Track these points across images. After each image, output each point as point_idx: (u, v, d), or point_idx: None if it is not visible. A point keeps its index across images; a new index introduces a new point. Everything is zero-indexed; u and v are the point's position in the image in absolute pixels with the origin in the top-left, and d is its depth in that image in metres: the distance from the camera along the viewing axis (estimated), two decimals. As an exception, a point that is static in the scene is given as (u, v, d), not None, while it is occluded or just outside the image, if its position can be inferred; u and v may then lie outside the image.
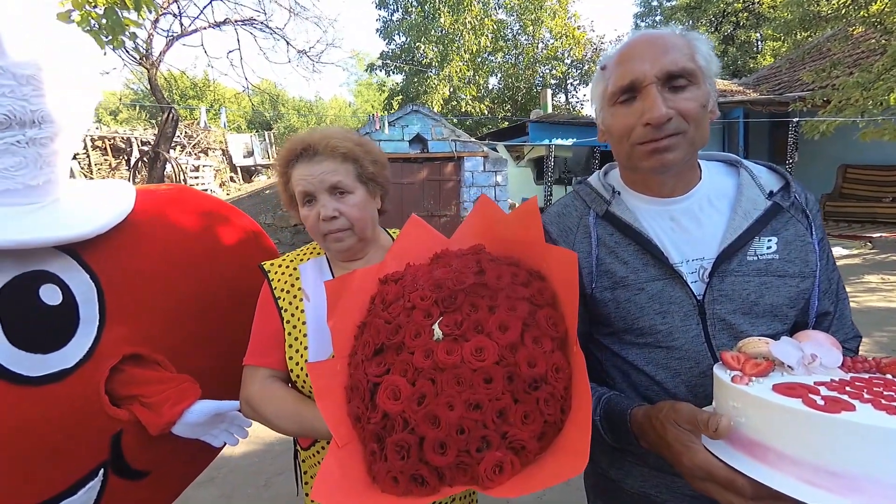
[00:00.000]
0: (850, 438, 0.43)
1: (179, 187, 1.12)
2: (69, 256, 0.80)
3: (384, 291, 0.75)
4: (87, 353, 0.80)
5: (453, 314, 0.66)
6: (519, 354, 0.61)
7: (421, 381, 0.61)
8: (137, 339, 0.88)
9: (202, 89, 19.46)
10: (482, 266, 0.70)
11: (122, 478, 0.86)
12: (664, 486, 0.77)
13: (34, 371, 0.74)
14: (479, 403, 0.58)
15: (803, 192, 0.77)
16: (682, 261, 0.74)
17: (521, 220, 0.76)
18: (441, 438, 0.57)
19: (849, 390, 0.50)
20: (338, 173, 0.88)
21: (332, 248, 0.92)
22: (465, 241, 0.82)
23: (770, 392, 0.50)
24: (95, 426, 0.81)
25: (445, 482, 0.58)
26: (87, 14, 3.73)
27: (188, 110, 15.38)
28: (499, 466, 0.56)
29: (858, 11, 6.97)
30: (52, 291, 0.76)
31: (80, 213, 0.81)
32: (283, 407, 0.85)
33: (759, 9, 16.23)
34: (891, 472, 0.41)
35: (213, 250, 1.07)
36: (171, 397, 0.85)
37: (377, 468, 0.61)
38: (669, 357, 0.74)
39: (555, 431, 0.61)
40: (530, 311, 0.65)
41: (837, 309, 0.78)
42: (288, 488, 2.45)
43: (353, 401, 0.68)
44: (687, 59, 0.68)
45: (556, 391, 0.60)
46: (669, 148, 0.68)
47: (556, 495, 2.27)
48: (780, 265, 0.72)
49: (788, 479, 0.46)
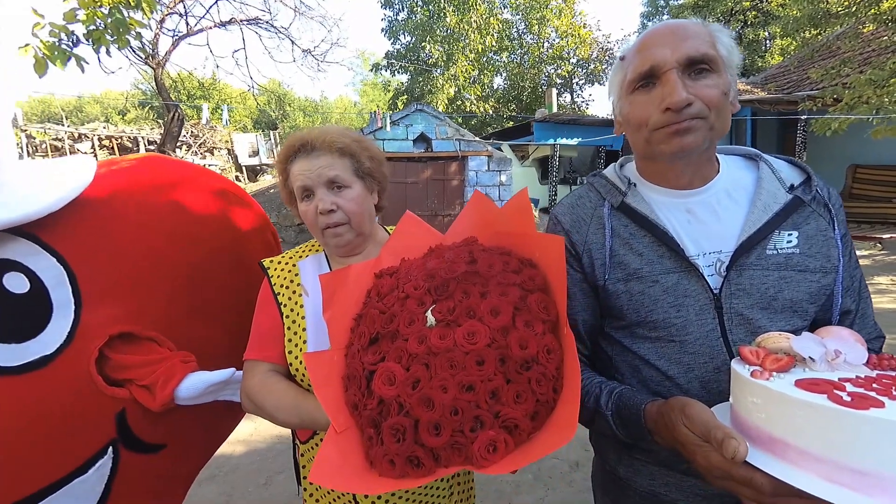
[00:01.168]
0: (879, 436, 0.41)
1: (147, 155, 1.08)
2: (29, 241, 0.77)
3: (379, 284, 0.77)
4: (68, 336, 0.79)
5: (446, 301, 0.67)
6: (510, 337, 0.62)
7: (415, 366, 0.63)
8: (124, 318, 0.86)
9: (209, 89, 19.59)
10: (474, 256, 0.72)
11: (136, 452, 0.87)
12: (674, 484, 0.75)
13: (13, 361, 0.73)
14: (471, 385, 0.59)
15: (825, 186, 0.76)
16: (699, 254, 0.72)
17: (514, 212, 0.78)
18: (435, 420, 0.59)
19: (876, 387, 0.47)
20: (335, 168, 0.89)
21: (331, 242, 0.93)
22: (459, 237, 0.83)
23: (792, 388, 0.48)
24: (95, 406, 0.81)
25: (440, 463, 0.60)
26: (93, 13, 3.75)
27: (195, 110, 15.49)
28: (492, 445, 0.58)
29: (869, 8, 6.87)
30: (17, 279, 0.75)
31: (29, 193, 0.77)
32: (283, 399, 0.86)
33: (767, 6, 16.10)
34: None
35: (193, 216, 1.04)
36: (160, 377, 0.85)
37: (374, 452, 0.62)
38: (683, 352, 0.72)
39: (547, 411, 0.62)
40: (521, 297, 0.66)
41: (860, 307, 0.76)
42: (289, 487, 2.45)
43: (350, 389, 0.69)
44: (708, 46, 0.67)
45: (547, 371, 0.61)
46: (690, 129, 0.67)
47: (562, 495, 2.25)
48: (800, 259, 0.70)
49: (810, 477, 0.44)
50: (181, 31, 7.67)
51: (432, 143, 8.31)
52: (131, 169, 1.00)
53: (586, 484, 2.68)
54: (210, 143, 13.92)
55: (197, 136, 13.51)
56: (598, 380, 0.76)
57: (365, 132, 8.08)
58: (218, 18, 7.83)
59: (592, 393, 0.74)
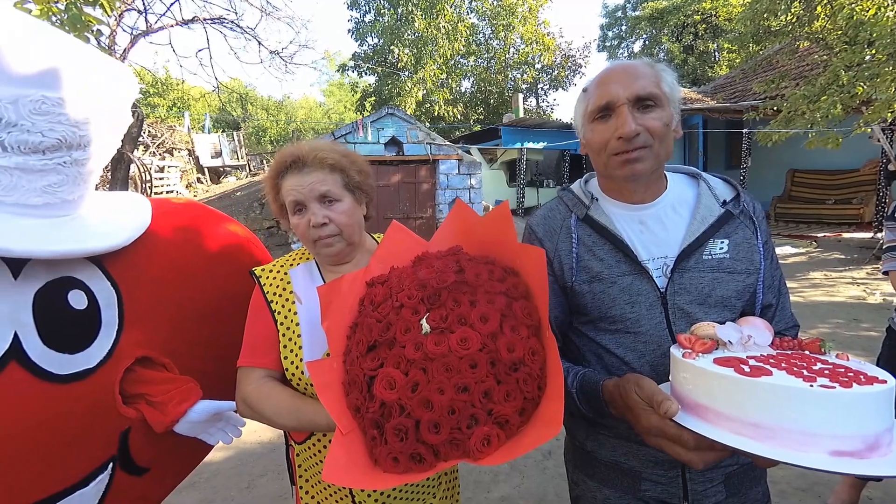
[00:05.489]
0: (766, 396, 0.55)
1: (189, 201, 1.20)
2: (94, 265, 0.85)
3: (372, 293, 0.81)
4: (107, 354, 0.85)
5: (438, 310, 0.72)
6: (499, 342, 0.68)
7: (413, 371, 0.67)
8: (148, 343, 0.93)
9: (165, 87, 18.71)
10: (461, 265, 0.77)
11: (127, 473, 0.91)
12: (631, 453, 0.90)
13: (63, 370, 0.79)
14: (466, 386, 0.65)
15: (752, 201, 0.91)
16: (649, 258, 0.86)
17: (495, 222, 0.84)
18: (435, 419, 0.64)
19: (772, 361, 0.63)
20: (326, 183, 0.93)
21: (322, 252, 0.97)
22: (443, 244, 0.88)
23: (711, 364, 0.62)
24: (108, 422, 0.86)
25: (441, 458, 0.65)
26: (48, 8, 3.60)
27: (151, 109, 14.78)
28: (487, 439, 0.64)
29: (803, 28, 7.53)
30: (78, 296, 0.82)
31: (106, 226, 0.87)
32: (281, 403, 0.90)
33: (716, 21, 17.15)
34: (795, 420, 0.54)
35: (212, 259, 1.13)
36: (175, 397, 0.91)
37: (378, 451, 0.67)
38: (637, 341, 0.86)
39: (533, 406, 0.69)
40: (507, 304, 0.73)
41: (779, 302, 0.92)
42: (272, 489, 2.44)
43: (352, 393, 0.73)
44: (654, 86, 0.81)
45: (532, 371, 0.68)
46: (639, 159, 0.81)
47: (536, 481, 2.40)
48: (730, 263, 0.85)
49: (723, 432, 0.58)
50: (140, 29, 7.36)
51: (403, 147, 8.38)
52: (174, 210, 1.12)
53: (558, 470, 2.84)
54: (169, 144, 13.34)
55: (155, 135, 12.92)
56: (566, 365, 0.88)
57: (335, 135, 8.05)
58: (180, 16, 7.57)
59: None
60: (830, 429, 0.53)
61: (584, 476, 0.97)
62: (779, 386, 0.55)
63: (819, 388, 0.53)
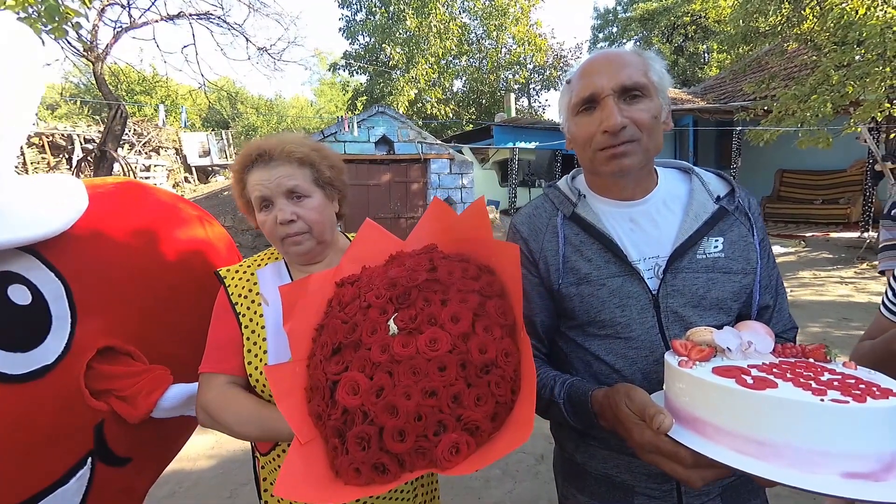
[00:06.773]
0: (772, 411, 0.50)
1: (129, 181, 1.13)
2: (32, 256, 0.80)
3: (340, 294, 0.77)
4: (65, 348, 0.81)
5: (408, 310, 0.68)
6: (471, 342, 0.64)
7: (378, 374, 0.63)
8: (110, 331, 0.89)
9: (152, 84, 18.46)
10: (434, 263, 0.73)
11: (108, 465, 0.89)
12: (623, 466, 0.84)
13: (17, 369, 0.75)
14: (434, 390, 0.61)
15: (747, 196, 0.86)
16: (640, 258, 0.81)
17: (471, 219, 0.80)
18: (400, 426, 0.60)
19: (775, 371, 0.57)
20: (294, 178, 0.89)
21: (291, 251, 0.92)
22: (419, 243, 0.84)
23: (710, 374, 0.57)
24: (79, 417, 0.84)
25: (406, 468, 0.61)
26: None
27: (137, 107, 14.53)
28: (455, 447, 0.59)
29: (792, 29, 7.60)
30: (20, 291, 0.77)
31: (35, 213, 0.81)
32: (243, 412, 0.84)
33: (706, 23, 17.33)
34: (804, 438, 0.48)
35: (163, 235, 1.08)
36: (143, 388, 0.87)
37: (339, 462, 0.62)
38: (627, 347, 0.80)
39: (507, 411, 0.64)
40: (480, 303, 0.69)
41: (777, 303, 0.87)
42: (255, 498, 2.39)
43: (314, 400, 0.69)
44: (640, 75, 0.75)
45: (506, 374, 0.64)
46: (626, 154, 0.75)
47: (529, 486, 2.35)
48: (725, 263, 0.80)
49: (723, 449, 0.53)
50: (124, 23, 7.20)
51: (394, 146, 8.30)
52: (116, 193, 1.05)
53: (551, 475, 2.81)
54: (156, 142, 13.11)
55: (141, 134, 12.68)
56: (553, 373, 0.83)
57: (325, 133, 7.95)
58: (165, 11, 7.42)
59: (548, 385, 0.81)
60: (843, 447, 0.47)
61: (575, 490, 0.91)
62: (786, 400, 0.50)
63: (831, 403, 0.48)
